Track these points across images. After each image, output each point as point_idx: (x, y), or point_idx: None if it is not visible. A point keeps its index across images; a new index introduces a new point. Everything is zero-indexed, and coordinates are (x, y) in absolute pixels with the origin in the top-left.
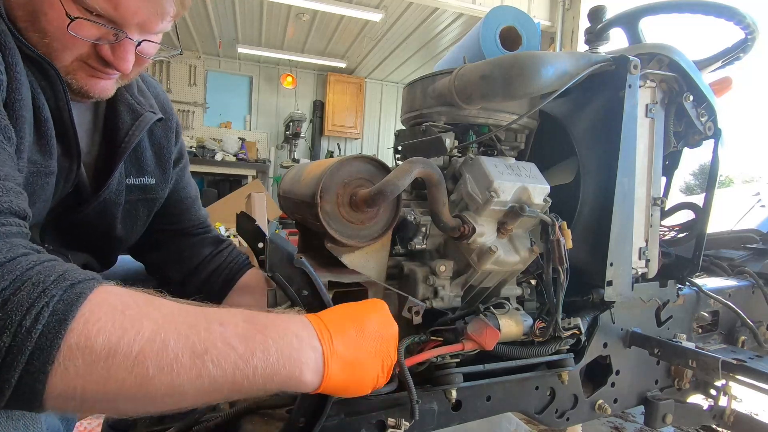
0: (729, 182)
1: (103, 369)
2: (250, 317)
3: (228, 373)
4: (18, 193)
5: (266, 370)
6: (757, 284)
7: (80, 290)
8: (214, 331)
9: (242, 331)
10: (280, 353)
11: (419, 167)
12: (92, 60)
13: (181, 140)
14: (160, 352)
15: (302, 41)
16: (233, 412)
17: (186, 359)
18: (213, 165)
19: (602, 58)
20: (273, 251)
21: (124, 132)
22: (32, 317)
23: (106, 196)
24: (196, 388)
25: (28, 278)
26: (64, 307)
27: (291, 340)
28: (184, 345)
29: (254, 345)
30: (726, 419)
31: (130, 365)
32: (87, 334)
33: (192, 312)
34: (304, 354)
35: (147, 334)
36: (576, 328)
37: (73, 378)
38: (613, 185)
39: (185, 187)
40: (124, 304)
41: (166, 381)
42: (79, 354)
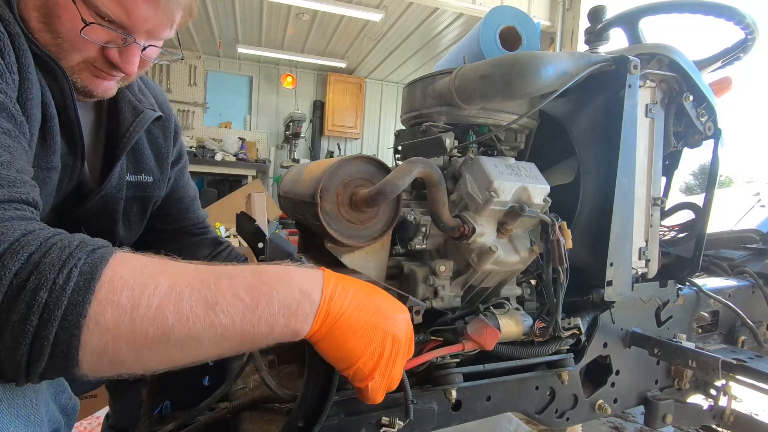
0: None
1: (129, 321)
2: (258, 271)
3: (237, 322)
4: (32, 186)
5: (269, 319)
6: (757, 284)
7: (101, 254)
8: (224, 284)
9: (249, 283)
10: (281, 303)
11: (419, 167)
12: (99, 62)
13: (181, 141)
14: (177, 303)
15: (302, 41)
16: (232, 408)
17: (200, 310)
18: (213, 165)
19: (602, 58)
20: (273, 251)
21: (125, 128)
22: (64, 276)
23: (108, 191)
24: (210, 336)
25: (53, 244)
26: (90, 268)
27: (293, 292)
28: (198, 297)
29: (259, 296)
30: (726, 419)
31: (152, 317)
32: (113, 290)
33: (203, 268)
34: (302, 305)
35: (164, 288)
36: (576, 328)
37: (104, 332)
38: (613, 185)
39: (184, 186)
40: (142, 264)
41: (184, 330)
42: (108, 308)
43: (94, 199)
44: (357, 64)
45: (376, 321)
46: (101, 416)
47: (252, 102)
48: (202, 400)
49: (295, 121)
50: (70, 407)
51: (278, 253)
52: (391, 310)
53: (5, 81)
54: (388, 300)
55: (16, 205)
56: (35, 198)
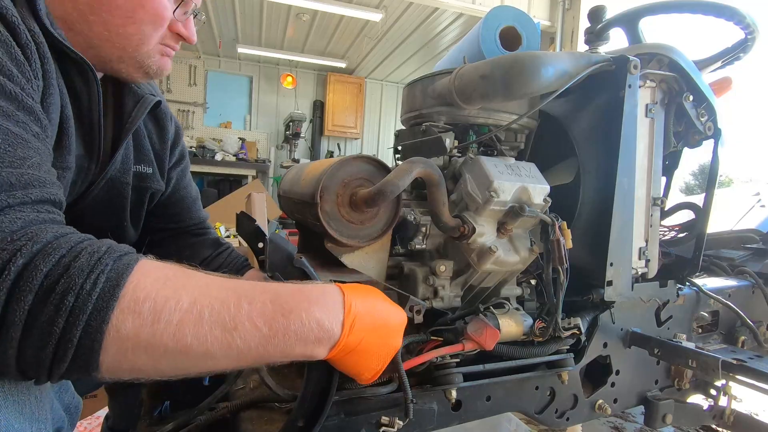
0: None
1: (149, 333)
2: (277, 298)
3: (252, 348)
4: (59, 187)
5: (284, 348)
6: (757, 284)
7: (128, 261)
8: (243, 309)
9: (269, 312)
10: (298, 336)
11: (419, 167)
12: (168, 38)
13: (183, 143)
14: (197, 323)
15: (302, 41)
16: (232, 407)
17: (218, 332)
18: (213, 165)
19: (602, 58)
20: (273, 251)
21: (128, 113)
22: (92, 281)
23: (113, 174)
24: (226, 356)
25: (83, 248)
26: (116, 275)
27: (311, 325)
28: (216, 319)
29: (277, 327)
30: (726, 419)
31: (171, 332)
32: (136, 299)
33: (224, 287)
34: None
35: (185, 305)
36: (576, 328)
37: (124, 340)
38: (613, 185)
39: (186, 187)
40: (165, 276)
41: (201, 349)
42: (130, 317)
43: (100, 184)
44: (357, 64)
45: (385, 342)
46: (101, 416)
47: (252, 102)
48: (202, 400)
49: (295, 121)
50: (73, 406)
51: (278, 253)
52: (396, 323)
53: (32, 87)
54: (388, 309)
55: (48, 207)
56: (62, 199)
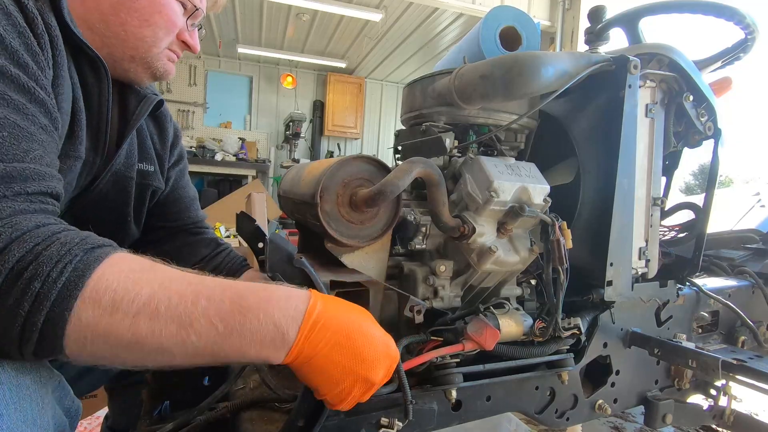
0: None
1: (107, 323)
2: (238, 296)
3: (208, 346)
4: (58, 179)
5: (240, 348)
6: (757, 284)
7: (98, 254)
8: (200, 305)
9: (226, 309)
10: (253, 336)
11: (419, 167)
12: (175, 45)
13: (181, 144)
14: (153, 317)
15: (302, 41)
16: (232, 407)
17: (173, 327)
18: (213, 165)
19: (602, 58)
20: (273, 251)
21: (131, 112)
22: (58, 270)
23: (118, 168)
24: (182, 351)
25: (57, 239)
26: (83, 266)
27: (267, 327)
28: (173, 314)
29: (233, 325)
30: (726, 419)
31: (128, 324)
32: (97, 290)
33: (186, 281)
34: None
35: (144, 298)
36: (576, 328)
37: (84, 327)
38: (613, 185)
39: (184, 186)
40: (131, 269)
41: (156, 342)
42: (90, 306)
43: (105, 178)
44: (357, 64)
45: (349, 365)
46: (101, 416)
47: (252, 102)
48: (202, 400)
49: (295, 121)
50: (74, 410)
51: (278, 253)
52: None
53: (45, 76)
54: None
55: (42, 198)
56: (59, 191)
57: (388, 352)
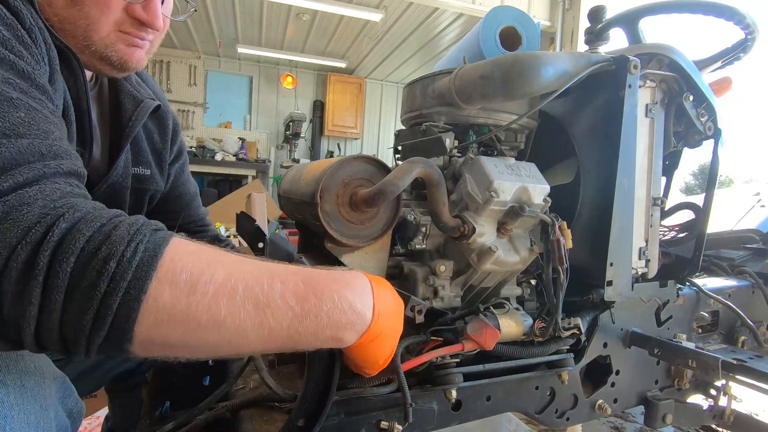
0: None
1: (185, 305)
2: (310, 279)
3: (284, 327)
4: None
5: (316, 330)
6: (757, 284)
7: (163, 235)
8: (276, 287)
9: (301, 292)
10: (329, 318)
11: (419, 167)
12: (127, 25)
13: (181, 138)
14: (231, 296)
15: (302, 41)
16: (232, 407)
17: (251, 308)
18: (213, 165)
19: (602, 58)
20: (273, 251)
21: (128, 118)
22: (132, 250)
23: (114, 180)
24: (258, 334)
25: (122, 220)
26: (153, 246)
27: (344, 308)
28: (250, 295)
29: (309, 307)
30: (726, 419)
31: (206, 304)
32: (173, 270)
33: (256, 264)
34: (351, 323)
35: (220, 278)
36: (576, 328)
37: (161, 309)
38: (613, 185)
39: (184, 183)
40: (200, 250)
41: (234, 324)
42: (167, 287)
43: (102, 188)
44: (357, 64)
45: (397, 328)
46: (101, 416)
47: (252, 102)
48: (202, 400)
49: (295, 121)
50: (76, 411)
51: (278, 253)
52: (402, 309)
53: (41, 70)
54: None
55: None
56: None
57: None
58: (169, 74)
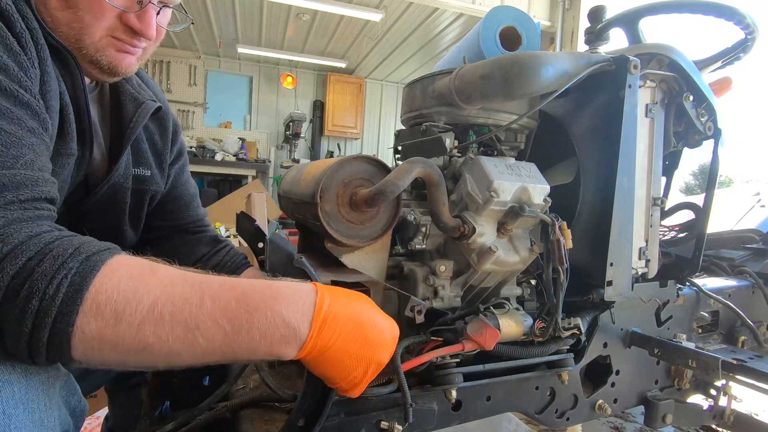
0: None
1: (112, 334)
2: (243, 295)
3: (216, 346)
4: (52, 183)
5: (249, 346)
6: (757, 284)
7: (94, 262)
8: (205, 307)
9: (232, 310)
10: (262, 334)
11: (419, 167)
12: (119, 32)
13: (181, 139)
14: (158, 323)
15: (302, 41)
16: (232, 407)
17: (179, 331)
18: (213, 165)
19: (602, 58)
20: (273, 251)
21: (129, 119)
22: (54, 287)
23: (115, 181)
24: (190, 353)
25: (50, 251)
26: (80, 279)
27: (276, 323)
28: (178, 319)
29: (240, 325)
30: (726, 419)
31: (133, 332)
32: (98, 303)
33: (189, 283)
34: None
35: (146, 306)
36: (576, 328)
37: (90, 339)
38: (613, 185)
39: (184, 184)
40: (130, 275)
41: (163, 347)
42: (93, 319)
43: (103, 189)
44: (357, 64)
45: (362, 353)
46: (101, 416)
47: (252, 102)
48: (202, 400)
49: (295, 121)
50: (79, 410)
51: (278, 253)
52: (378, 334)
53: (29, 77)
54: (376, 320)
55: (37, 204)
56: (54, 195)
57: (392, 333)
58: (169, 74)
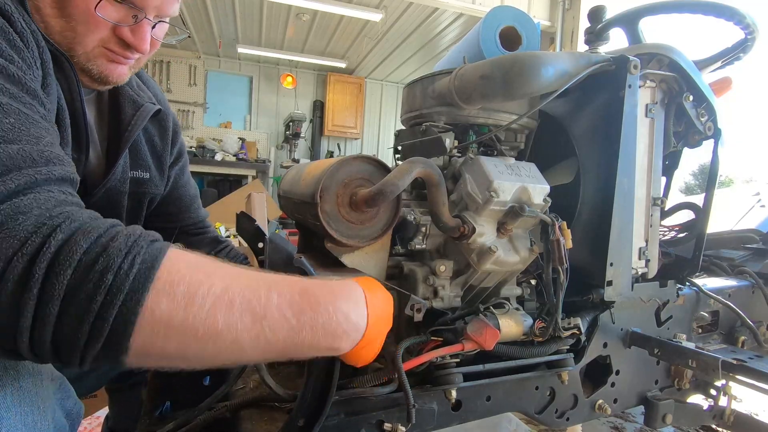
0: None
1: (182, 317)
2: (305, 291)
3: (280, 339)
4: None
5: (312, 342)
6: (757, 284)
7: (160, 246)
8: (272, 299)
9: (297, 304)
10: (325, 329)
11: (419, 167)
12: (112, 44)
13: (181, 140)
14: (228, 308)
15: (302, 41)
16: (232, 407)
17: (248, 320)
18: (213, 165)
19: (602, 58)
20: (273, 251)
21: (127, 122)
22: (129, 262)
23: (112, 185)
24: (254, 346)
25: (119, 231)
26: (151, 258)
27: (339, 319)
28: (247, 307)
29: (304, 319)
30: (726, 419)
31: (203, 316)
32: (171, 282)
33: (253, 276)
34: (347, 334)
35: (218, 290)
36: (576, 328)
37: (158, 321)
38: (613, 185)
39: (184, 185)
40: (197, 261)
41: (231, 336)
42: (164, 299)
43: (100, 192)
44: (357, 64)
45: (385, 329)
46: (101, 416)
47: (252, 102)
48: (202, 400)
49: (295, 121)
50: (75, 412)
51: (278, 253)
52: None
53: (33, 74)
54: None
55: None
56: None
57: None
58: (169, 74)
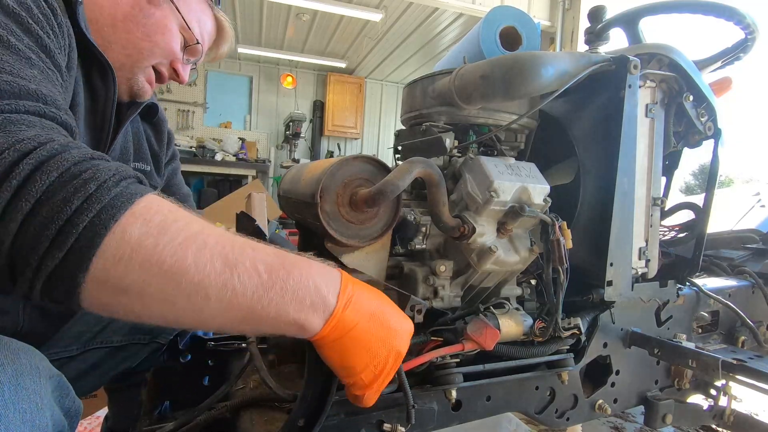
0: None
1: (152, 243)
2: (281, 254)
3: (248, 295)
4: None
5: (278, 305)
6: (757, 284)
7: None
8: (247, 252)
9: (270, 261)
10: (294, 295)
11: (419, 167)
12: (162, 66)
13: (174, 146)
14: (201, 248)
15: (302, 41)
16: (232, 407)
17: (218, 264)
18: (213, 165)
19: (602, 58)
20: None
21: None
22: (114, 181)
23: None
24: (220, 296)
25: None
26: (136, 188)
27: (309, 288)
28: (220, 252)
29: (276, 277)
30: (726, 419)
31: (173, 248)
32: (149, 209)
33: (228, 232)
34: (314, 305)
35: (193, 230)
36: (576, 328)
37: (125, 244)
38: (613, 185)
39: (177, 185)
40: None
41: (197, 277)
42: (139, 222)
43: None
44: (357, 64)
45: (384, 336)
46: (101, 416)
47: (252, 102)
48: (202, 400)
49: (295, 121)
50: (74, 410)
51: None
52: (398, 323)
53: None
54: (396, 311)
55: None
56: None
57: (409, 325)
58: None
